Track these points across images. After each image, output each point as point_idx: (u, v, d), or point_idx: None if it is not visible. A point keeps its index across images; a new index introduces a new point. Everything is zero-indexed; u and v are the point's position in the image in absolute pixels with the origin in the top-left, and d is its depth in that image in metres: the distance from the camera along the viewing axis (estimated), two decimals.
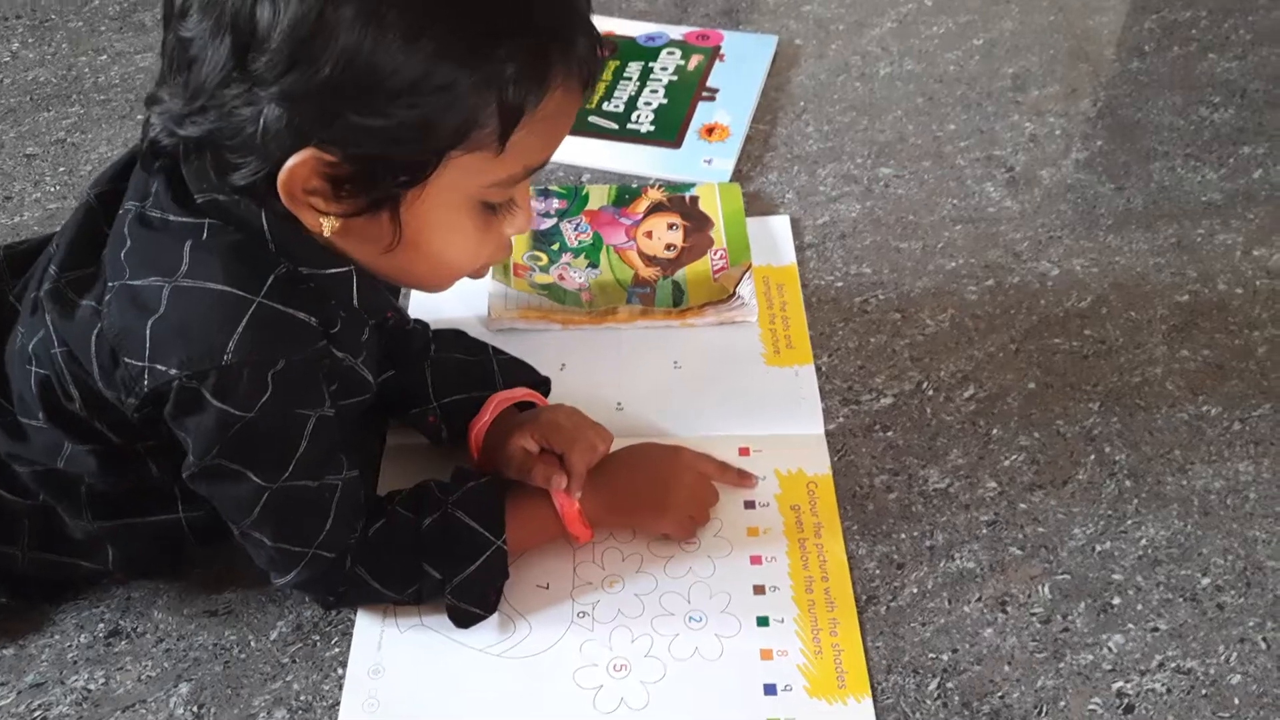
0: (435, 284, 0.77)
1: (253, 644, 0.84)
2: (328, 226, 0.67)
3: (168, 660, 0.83)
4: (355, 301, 0.73)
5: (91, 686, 0.82)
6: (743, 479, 0.93)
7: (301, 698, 0.81)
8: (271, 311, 0.67)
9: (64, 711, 0.80)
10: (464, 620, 0.83)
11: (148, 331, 0.66)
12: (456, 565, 0.81)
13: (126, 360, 0.67)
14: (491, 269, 1.05)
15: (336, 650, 0.84)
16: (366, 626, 0.85)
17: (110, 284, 0.69)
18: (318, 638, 0.85)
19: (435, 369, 0.92)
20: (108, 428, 0.73)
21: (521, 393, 0.91)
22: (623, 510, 0.87)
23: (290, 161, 0.63)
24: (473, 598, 0.82)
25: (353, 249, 0.70)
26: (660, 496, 0.87)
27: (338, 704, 0.81)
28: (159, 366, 0.66)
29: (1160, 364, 1.03)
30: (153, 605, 0.86)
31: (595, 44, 0.68)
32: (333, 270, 0.71)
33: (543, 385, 0.95)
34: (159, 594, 0.87)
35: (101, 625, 0.85)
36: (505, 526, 0.81)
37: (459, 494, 0.82)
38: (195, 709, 0.81)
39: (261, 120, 0.62)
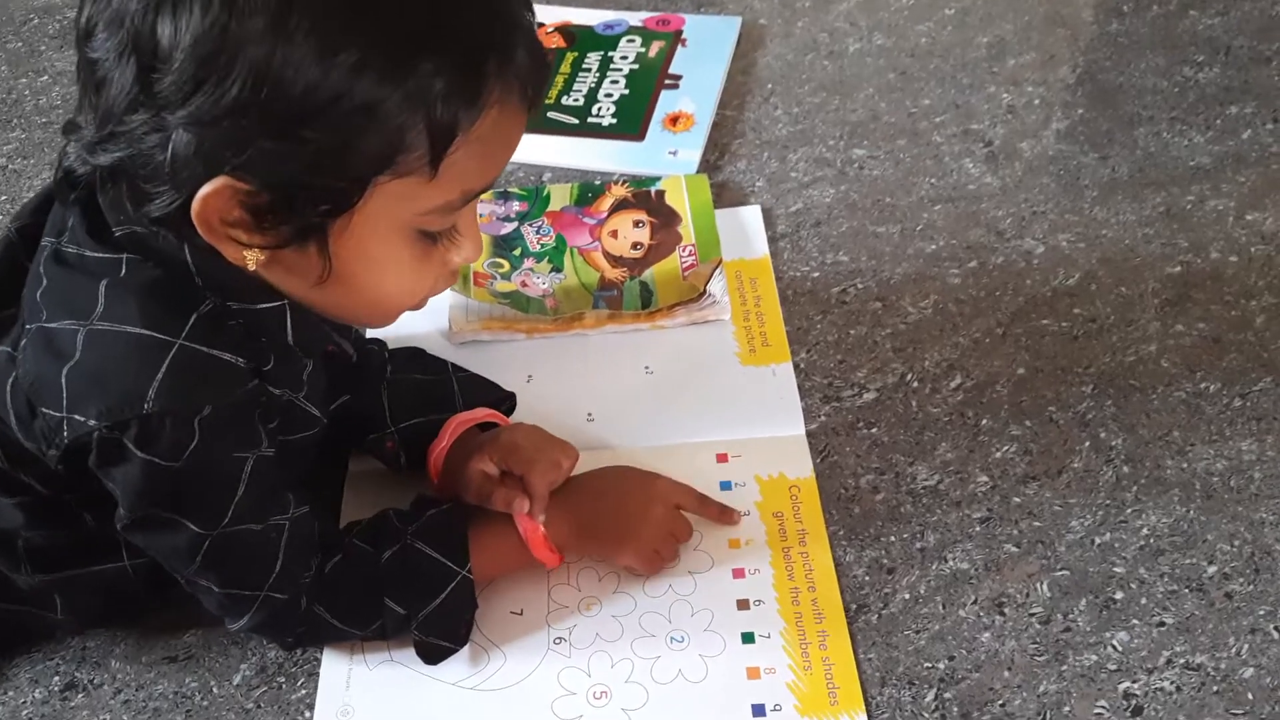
0: (374, 319, 0.73)
1: (215, 690, 0.80)
2: (252, 259, 0.62)
3: (127, 713, 0.79)
4: (290, 338, 0.68)
5: None
6: (724, 515, 0.86)
7: None
8: (194, 354, 0.63)
9: None
10: (433, 656, 0.79)
11: (63, 380, 0.62)
12: (420, 599, 0.76)
13: (44, 410, 0.63)
14: None
15: (303, 692, 0.80)
16: (333, 665, 0.81)
17: (27, 327, 0.65)
18: (283, 679, 0.81)
19: (392, 392, 0.87)
20: (34, 479, 0.69)
21: (482, 414, 0.86)
22: (586, 536, 0.82)
23: (203, 191, 0.58)
24: (441, 631, 0.78)
25: (283, 282, 0.66)
26: (626, 527, 0.82)
27: None
28: (77, 417, 0.62)
29: (1154, 341, 0.99)
30: (110, 654, 0.82)
31: (537, 55, 0.63)
32: (264, 305, 0.66)
33: (506, 402, 0.91)
34: (116, 641, 0.83)
35: (57, 679, 0.81)
36: (469, 555, 0.77)
37: (419, 524, 0.78)
38: None
39: (170, 147, 0.57)
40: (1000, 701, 0.77)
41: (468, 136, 0.60)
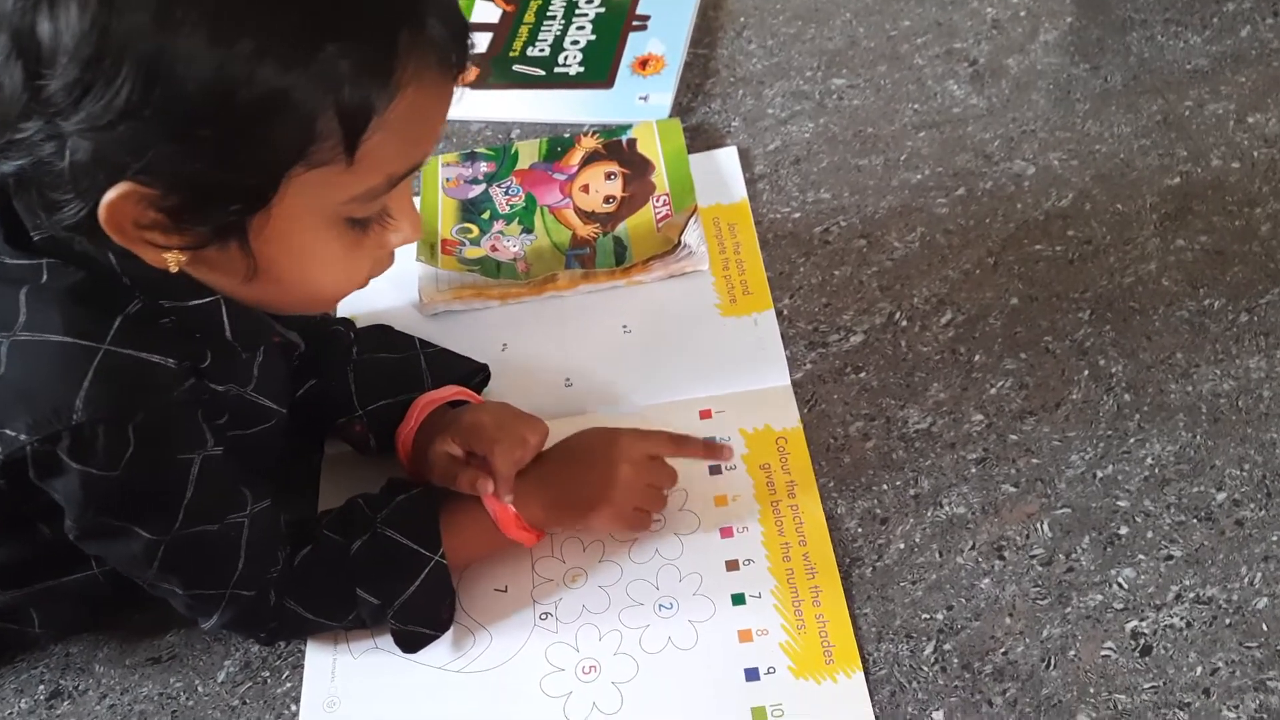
0: (313, 309, 0.70)
1: (200, 689, 0.79)
2: (172, 261, 0.59)
3: (113, 717, 0.78)
4: (227, 334, 0.65)
5: None
6: (710, 451, 0.81)
7: None
8: (120, 359, 0.60)
9: None
10: (414, 643, 0.77)
11: None
12: (394, 587, 0.74)
13: None
14: (417, 249, 0.98)
15: (289, 685, 0.78)
16: (318, 656, 0.79)
17: None
18: (268, 674, 0.79)
19: (359, 373, 0.84)
20: None
21: (449, 392, 0.83)
22: (562, 509, 0.79)
23: (107, 198, 0.55)
24: (420, 619, 0.76)
25: (211, 280, 0.63)
26: (597, 491, 0.77)
27: None
28: (8, 432, 0.60)
29: (1154, 259, 0.94)
30: (93, 659, 0.81)
31: (454, 21, 0.59)
32: (196, 302, 0.63)
33: (479, 374, 0.88)
34: (99, 646, 0.82)
35: (41, 687, 0.80)
36: (441, 539, 0.74)
37: (388, 510, 0.75)
38: None
39: (68, 156, 0.54)
40: (1002, 650, 0.74)
41: (384, 118, 0.56)
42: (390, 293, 0.97)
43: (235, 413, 0.69)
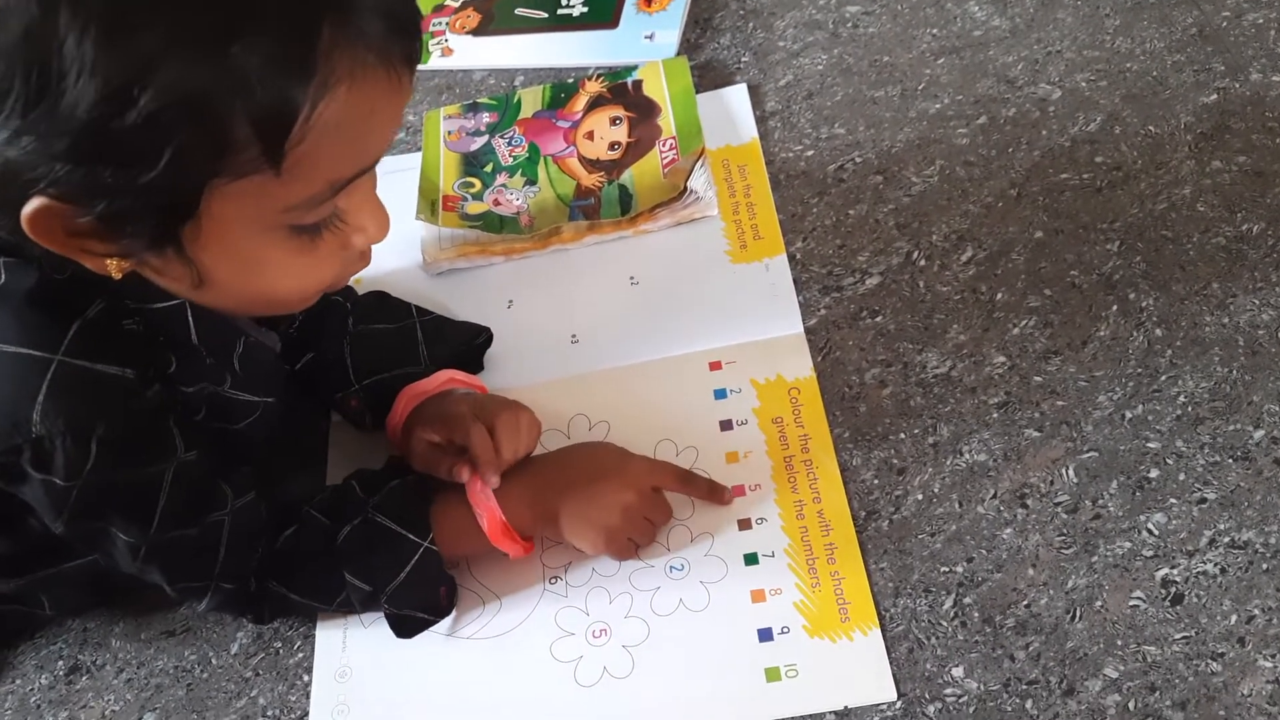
0: (275, 312, 0.67)
1: (214, 661, 0.79)
2: (114, 268, 0.56)
3: (130, 691, 0.79)
4: (193, 337, 0.63)
5: None
6: (713, 494, 0.77)
7: (269, 712, 0.76)
8: (74, 370, 0.58)
9: None
10: (410, 629, 0.75)
11: None
12: (384, 574, 0.73)
13: None
14: (417, 207, 0.96)
15: (300, 656, 0.78)
16: (329, 627, 0.79)
17: None
18: (280, 644, 0.79)
19: (355, 346, 0.83)
20: None
21: (440, 381, 0.80)
22: (547, 522, 0.75)
23: (25, 212, 0.52)
24: (415, 604, 0.75)
25: (164, 285, 0.60)
26: (594, 516, 0.74)
27: (306, 714, 0.75)
28: None
29: (1188, 182, 0.89)
30: (110, 634, 0.82)
31: (396, 14, 0.53)
32: (161, 305, 0.61)
33: (478, 339, 0.86)
34: (115, 621, 0.82)
35: (61, 663, 0.81)
36: (431, 526, 0.72)
37: (381, 495, 0.74)
38: None
39: None
40: (1025, 602, 0.71)
41: (313, 122, 0.51)
42: (394, 255, 0.95)
43: (214, 410, 0.68)
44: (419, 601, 0.74)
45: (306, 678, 0.77)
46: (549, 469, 0.75)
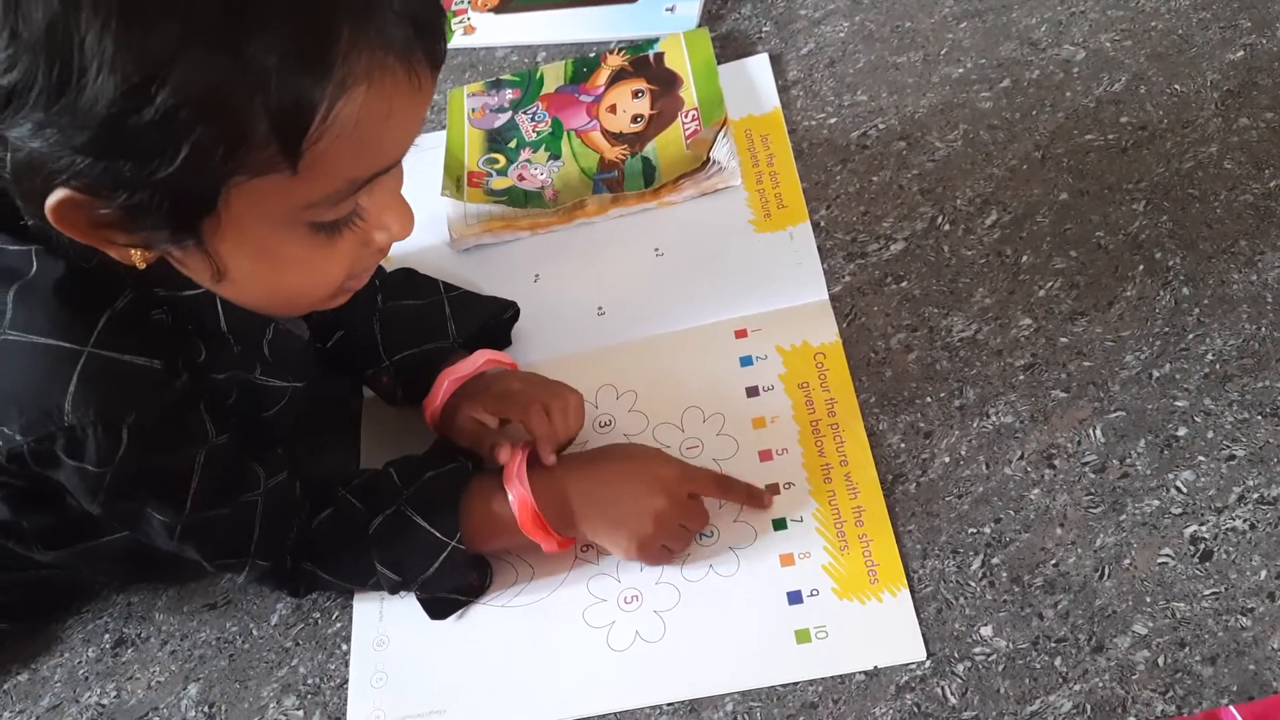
0: (294, 312, 0.67)
1: (255, 633, 0.81)
2: (138, 258, 0.57)
3: (174, 663, 0.81)
4: (222, 325, 0.64)
5: (105, 701, 0.80)
6: (753, 498, 0.76)
7: (309, 681, 0.78)
8: (103, 362, 0.59)
9: None
10: (444, 609, 0.77)
11: None
12: (413, 568, 0.74)
13: None
14: (442, 183, 0.97)
15: (339, 625, 0.80)
16: (365, 599, 0.80)
17: None
18: (318, 615, 0.81)
19: (384, 323, 0.84)
20: (5, 476, 0.67)
21: (478, 364, 0.81)
22: (578, 522, 0.74)
23: (49, 203, 0.53)
24: (447, 588, 0.76)
25: (189, 275, 0.60)
26: (627, 521, 0.73)
27: (346, 682, 0.77)
28: (5, 429, 0.60)
29: (1215, 140, 0.88)
30: (153, 607, 0.84)
31: (420, 15, 0.53)
32: (190, 293, 0.62)
33: (505, 313, 0.87)
34: (158, 594, 0.84)
35: (107, 636, 0.83)
36: (460, 524, 0.73)
37: (415, 487, 0.74)
38: (206, 709, 0.78)
39: (9, 158, 0.52)
40: (1053, 561, 0.72)
41: (331, 121, 0.51)
42: (421, 232, 0.96)
43: (244, 395, 0.69)
44: (450, 587, 0.76)
45: (345, 647, 0.78)
46: (578, 470, 0.75)
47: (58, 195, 0.52)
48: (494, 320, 0.86)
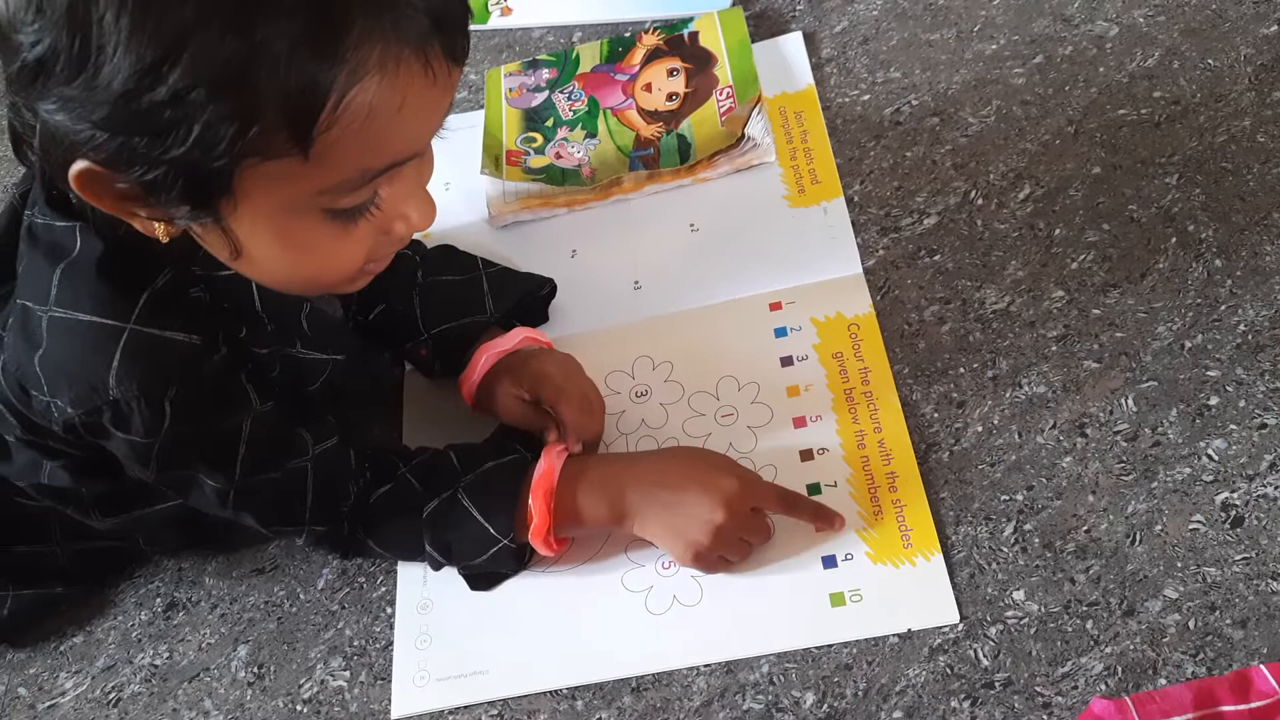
0: (308, 292, 0.68)
1: (302, 596, 0.83)
2: (161, 232, 0.58)
3: (224, 625, 0.83)
4: (257, 303, 0.66)
5: (157, 662, 0.82)
6: (821, 518, 0.74)
7: (355, 643, 0.80)
8: (145, 338, 0.61)
9: (135, 690, 0.81)
10: (486, 583, 0.79)
11: (38, 369, 0.63)
12: (462, 555, 0.76)
13: (34, 394, 0.65)
14: (481, 161, 0.99)
15: (384, 589, 0.82)
16: (409, 564, 0.82)
17: (16, 303, 0.65)
18: (363, 580, 0.83)
19: (424, 297, 0.85)
20: (63, 445, 0.70)
21: (515, 341, 0.82)
22: (621, 517, 0.74)
23: (71, 173, 0.54)
24: (492, 570, 0.78)
25: (212, 251, 0.62)
26: (682, 526, 0.72)
27: (390, 644, 0.79)
28: (58, 402, 0.63)
29: (1248, 114, 0.89)
30: (203, 573, 0.86)
31: (441, 8, 0.53)
32: (225, 272, 0.63)
33: (542, 290, 0.89)
34: (208, 560, 0.87)
35: (159, 600, 0.86)
36: (513, 523, 0.74)
37: (474, 475, 0.75)
38: (255, 669, 0.80)
39: (37, 129, 0.54)
40: (1085, 528, 0.73)
41: (342, 110, 0.51)
42: (460, 209, 0.99)
43: (287, 369, 0.71)
44: (493, 569, 0.78)
45: (390, 610, 0.81)
46: (640, 465, 0.75)
47: (79, 166, 0.54)
48: (531, 296, 0.88)
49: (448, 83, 0.55)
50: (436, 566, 0.79)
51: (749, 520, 0.74)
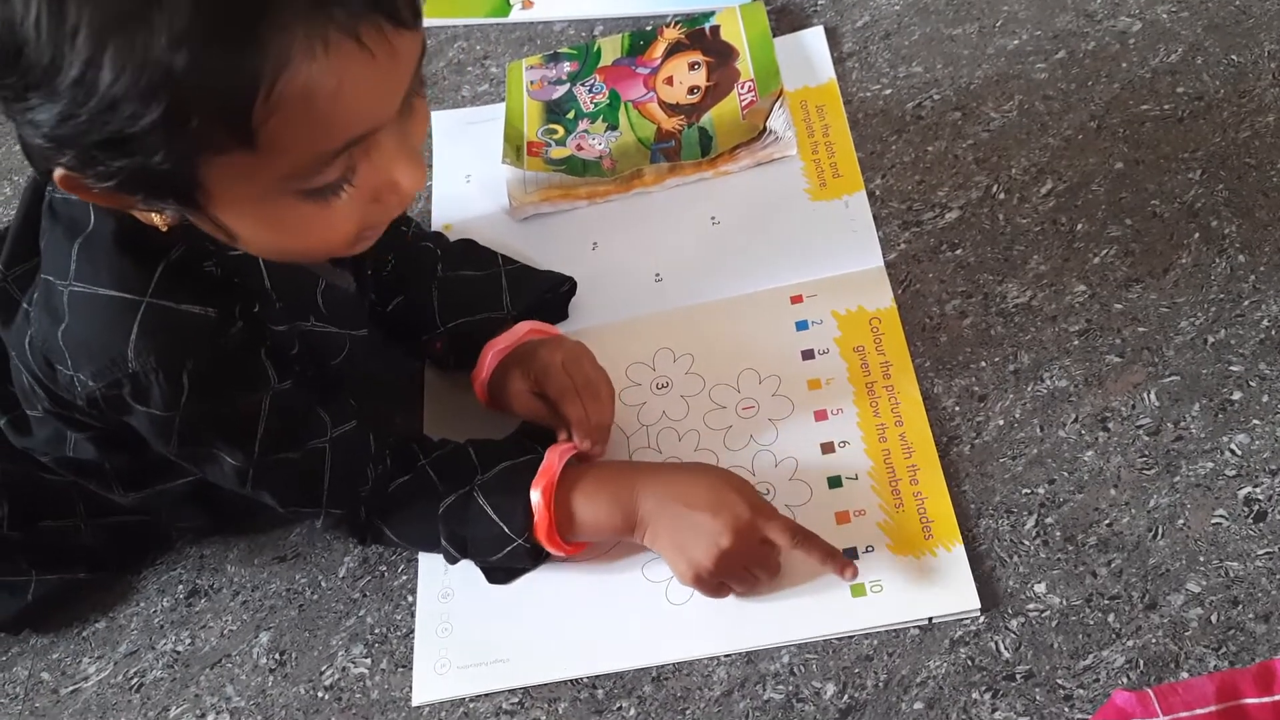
0: (316, 260, 0.68)
1: (323, 584, 0.84)
2: (159, 220, 0.60)
3: (246, 612, 0.84)
4: (266, 282, 0.66)
5: (179, 648, 0.83)
6: (831, 560, 0.71)
7: (376, 630, 0.80)
8: (161, 311, 0.62)
9: (158, 675, 0.82)
10: (503, 578, 0.79)
11: (61, 343, 0.64)
12: (477, 552, 0.77)
13: (58, 368, 0.66)
14: (503, 152, 0.99)
15: (405, 578, 0.82)
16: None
17: (41, 277, 0.66)
18: (384, 568, 0.83)
19: (441, 290, 0.86)
20: (89, 418, 0.71)
21: (520, 334, 0.82)
22: (645, 526, 0.73)
23: (54, 176, 0.55)
24: (511, 564, 0.78)
25: (210, 234, 0.62)
26: (688, 545, 0.71)
27: (412, 632, 0.79)
28: (80, 376, 0.64)
29: (1272, 110, 0.88)
30: (225, 560, 0.87)
31: None
32: (235, 251, 0.64)
33: (561, 287, 0.89)
34: (230, 547, 0.87)
35: (181, 587, 0.86)
36: (529, 521, 0.74)
37: (490, 475, 0.75)
38: (277, 656, 0.81)
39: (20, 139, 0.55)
40: (1107, 521, 0.73)
41: (277, 99, 0.49)
42: (481, 199, 0.99)
43: (307, 346, 0.71)
44: (509, 566, 0.78)
45: (411, 598, 0.81)
46: (655, 477, 0.74)
47: (58, 171, 0.54)
48: (550, 294, 0.88)
49: (391, 52, 0.52)
50: (452, 560, 0.79)
51: (757, 551, 0.72)
